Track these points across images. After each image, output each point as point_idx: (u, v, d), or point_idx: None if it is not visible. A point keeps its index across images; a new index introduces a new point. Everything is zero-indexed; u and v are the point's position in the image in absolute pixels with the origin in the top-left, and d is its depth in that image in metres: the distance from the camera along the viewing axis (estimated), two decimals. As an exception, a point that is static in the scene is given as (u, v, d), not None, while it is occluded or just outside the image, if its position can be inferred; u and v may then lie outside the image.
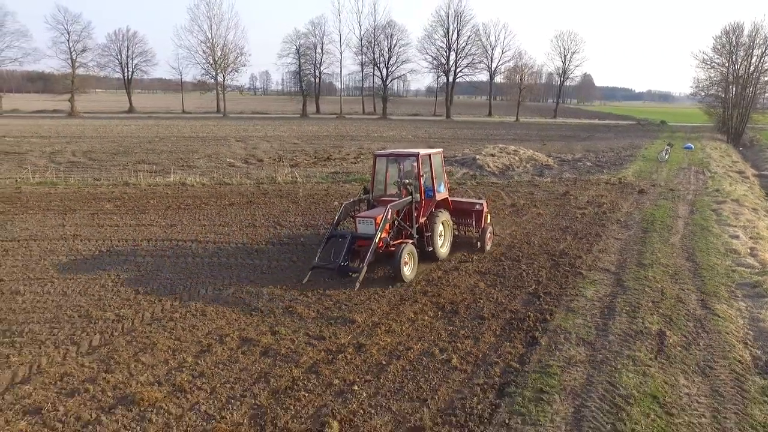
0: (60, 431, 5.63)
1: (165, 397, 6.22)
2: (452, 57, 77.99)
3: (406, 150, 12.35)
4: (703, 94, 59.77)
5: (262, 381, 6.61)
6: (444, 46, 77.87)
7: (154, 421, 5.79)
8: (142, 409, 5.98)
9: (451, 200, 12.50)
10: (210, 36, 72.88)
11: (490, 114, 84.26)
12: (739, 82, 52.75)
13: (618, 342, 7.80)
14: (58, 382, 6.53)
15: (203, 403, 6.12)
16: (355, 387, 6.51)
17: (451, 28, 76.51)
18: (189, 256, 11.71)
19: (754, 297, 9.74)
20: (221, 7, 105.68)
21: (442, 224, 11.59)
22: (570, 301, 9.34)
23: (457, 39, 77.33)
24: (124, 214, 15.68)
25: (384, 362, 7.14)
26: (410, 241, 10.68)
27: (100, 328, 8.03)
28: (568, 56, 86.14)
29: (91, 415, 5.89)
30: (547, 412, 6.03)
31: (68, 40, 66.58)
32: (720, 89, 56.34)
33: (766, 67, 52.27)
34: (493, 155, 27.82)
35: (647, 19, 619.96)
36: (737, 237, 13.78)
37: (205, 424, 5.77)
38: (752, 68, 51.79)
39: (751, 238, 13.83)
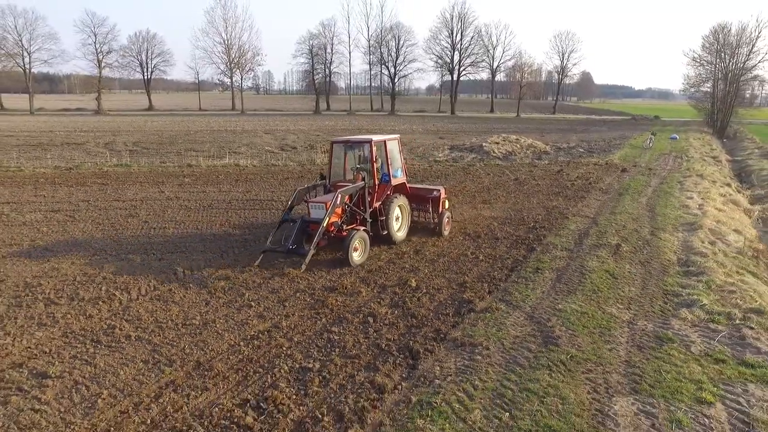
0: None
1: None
2: (456, 57, 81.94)
3: (360, 137, 12.42)
4: (693, 90, 63.61)
5: (373, 260, 10.50)
6: (448, 46, 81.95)
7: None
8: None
9: (409, 186, 12.74)
10: (225, 37, 76.76)
11: (492, 110, 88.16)
12: (727, 78, 56.57)
13: (588, 249, 11.71)
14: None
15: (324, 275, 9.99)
16: (420, 268, 10.41)
17: (455, 29, 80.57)
18: (273, 210, 15.60)
19: (690, 230, 13.61)
20: (236, 10, 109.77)
21: (399, 208, 11.87)
22: (558, 230, 13.26)
23: (461, 39, 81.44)
24: (204, 185, 19.56)
25: (434, 259, 11.04)
26: (362, 227, 11.05)
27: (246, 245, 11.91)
28: (566, 55, 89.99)
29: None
30: (540, 277, 9.93)
31: (95, 42, 70.45)
32: (708, 86, 60.21)
33: (750, 65, 56.20)
34: (497, 143, 31.71)
35: (648, 18, 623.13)
36: (692, 198, 17.66)
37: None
38: (736, 66, 55.63)
39: (702, 198, 17.70)
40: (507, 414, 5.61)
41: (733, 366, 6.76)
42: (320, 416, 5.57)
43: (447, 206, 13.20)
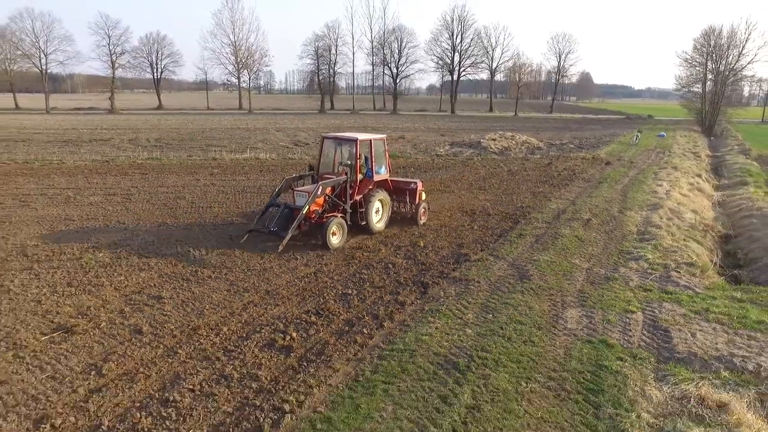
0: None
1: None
2: (456, 58, 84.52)
3: (348, 134, 13.28)
4: (684, 90, 66.02)
5: (388, 229, 13.04)
6: (449, 47, 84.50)
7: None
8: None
9: (390, 180, 13.64)
10: (233, 39, 79.26)
11: (490, 110, 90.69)
12: (717, 79, 59.04)
13: (563, 222, 14.27)
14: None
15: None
16: (426, 235, 12.96)
17: (455, 31, 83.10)
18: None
19: (653, 209, 16.15)
20: (243, 12, 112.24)
21: (380, 202, 12.82)
22: (540, 209, 15.82)
23: (461, 41, 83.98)
24: (233, 175, 22.07)
25: (438, 229, 13.58)
26: (340, 215, 12.04)
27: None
28: (563, 56, 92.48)
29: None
30: (522, 240, 12.48)
31: (108, 44, 73.01)
32: (698, 86, 62.63)
33: (739, 66, 58.67)
34: (494, 139, 34.25)
35: (647, 18, 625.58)
36: (661, 185, 20.19)
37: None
38: (726, 67, 58.09)
39: (671, 186, 20.22)
40: (490, 315, 8.18)
41: (657, 293, 9.32)
42: (362, 317, 8.13)
43: (423, 198, 14.13)
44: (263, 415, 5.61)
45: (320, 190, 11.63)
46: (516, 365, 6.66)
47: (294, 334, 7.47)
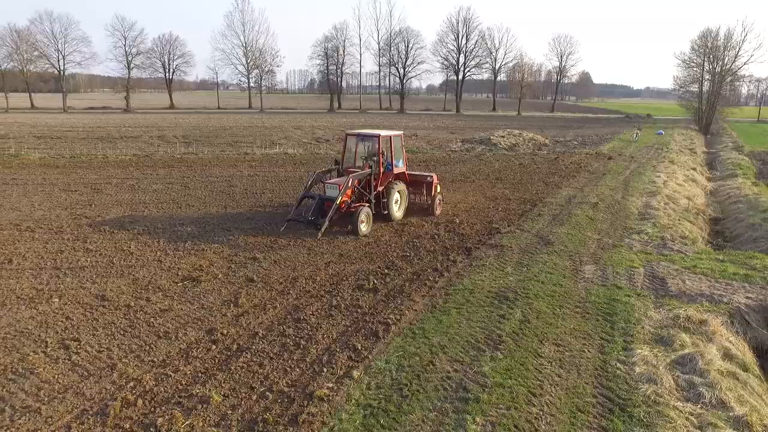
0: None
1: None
2: (461, 59, 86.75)
3: (370, 131, 14.44)
4: (682, 90, 68.30)
5: (425, 210, 15.22)
6: (454, 49, 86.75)
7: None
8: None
9: (407, 174, 14.91)
10: (243, 40, 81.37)
11: (494, 109, 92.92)
12: (713, 79, 61.31)
13: (574, 205, 16.49)
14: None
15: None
16: (458, 214, 15.13)
17: (460, 33, 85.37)
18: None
19: (651, 196, 18.38)
20: (253, 14, 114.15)
21: (398, 193, 14.07)
22: (553, 195, 18.05)
23: (466, 43, 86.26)
24: (269, 167, 24.23)
25: (468, 209, 15.75)
26: (367, 204, 13.22)
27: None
28: (565, 57, 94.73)
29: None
30: (541, 218, 14.69)
31: (125, 45, 75.09)
32: (695, 86, 64.92)
33: (735, 67, 60.94)
34: (503, 136, 36.47)
35: (646, 18, 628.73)
36: (659, 176, 22.42)
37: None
38: (722, 68, 60.34)
39: (668, 177, 22.45)
40: (525, 269, 10.40)
41: (655, 255, 11.55)
42: (424, 270, 10.33)
43: (438, 190, 15.14)
44: (374, 326, 7.80)
45: (350, 182, 12.84)
46: (551, 298, 8.88)
47: (375, 281, 9.66)
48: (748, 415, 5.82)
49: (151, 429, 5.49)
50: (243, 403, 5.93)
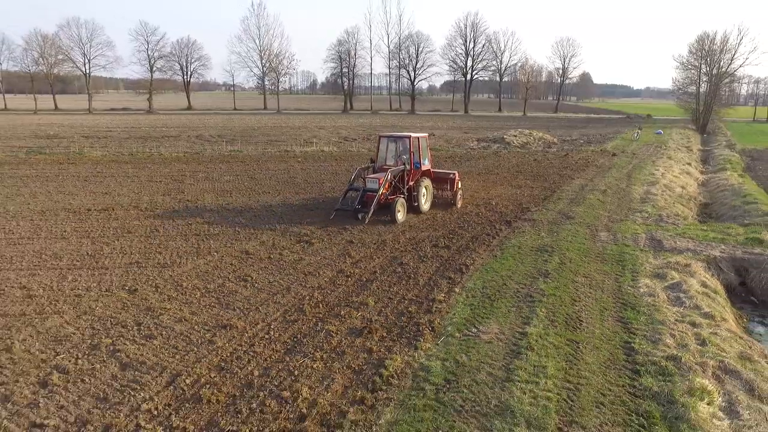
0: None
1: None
2: (469, 61, 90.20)
3: (401, 133, 16.63)
4: (680, 91, 71.63)
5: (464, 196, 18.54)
6: (462, 52, 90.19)
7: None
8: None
9: (432, 171, 16.90)
10: (259, 44, 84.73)
11: (500, 109, 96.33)
12: (710, 81, 64.58)
13: (586, 191, 19.81)
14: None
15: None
16: (492, 198, 18.44)
17: (468, 37, 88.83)
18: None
19: (651, 185, 21.69)
20: (268, 19, 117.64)
21: (425, 188, 16.00)
22: (568, 184, 21.39)
23: (474, 46, 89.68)
24: (314, 162, 27.49)
25: (500, 195, 19.04)
26: (402, 196, 15.30)
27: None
28: (567, 59, 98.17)
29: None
30: (560, 201, 18.02)
31: (147, 49, 78.47)
32: (693, 88, 68.25)
33: (732, 69, 64.25)
34: (515, 135, 39.82)
35: (646, 18, 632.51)
36: (658, 170, 25.74)
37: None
38: (718, 71, 63.63)
39: (665, 170, 25.76)
40: (555, 234, 13.73)
41: (654, 226, 14.87)
42: (479, 235, 13.62)
43: (460, 186, 17.20)
44: (458, 266, 11.10)
45: (390, 176, 14.91)
46: (578, 251, 12.21)
47: (445, 242, 12.97)
48: (712, 311, 9.12)
49: (337, 317, 8.76)
50: (390, 304, 9.24)
